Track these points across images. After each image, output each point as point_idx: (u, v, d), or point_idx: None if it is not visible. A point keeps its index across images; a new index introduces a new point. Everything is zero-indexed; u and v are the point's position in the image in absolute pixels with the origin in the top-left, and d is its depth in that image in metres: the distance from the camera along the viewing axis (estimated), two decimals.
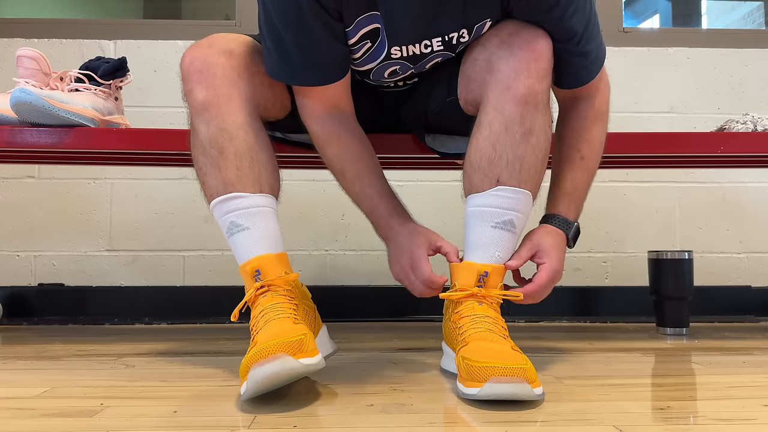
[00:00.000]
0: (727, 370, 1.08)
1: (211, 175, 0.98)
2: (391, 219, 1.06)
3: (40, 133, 1.21)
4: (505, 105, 0.95)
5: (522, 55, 0.95)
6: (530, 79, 0.95)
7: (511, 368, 0.80)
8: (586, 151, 1.09)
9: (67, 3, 3.23)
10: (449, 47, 1.04)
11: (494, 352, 0.85)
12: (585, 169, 1.09)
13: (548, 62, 0.97)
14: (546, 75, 0.97)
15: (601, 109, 1.11)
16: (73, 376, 1.03)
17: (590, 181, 1.11)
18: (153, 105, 1.93)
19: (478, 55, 1.01)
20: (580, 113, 1.10)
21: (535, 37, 0.96)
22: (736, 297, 1.95)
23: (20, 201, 1.92)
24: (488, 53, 0.98)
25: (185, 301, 1.88)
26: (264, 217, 0.98)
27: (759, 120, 1.37)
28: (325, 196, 1.94)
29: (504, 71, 0.95)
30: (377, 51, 1.03)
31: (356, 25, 0.99)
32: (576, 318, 1.88)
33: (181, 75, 1.01)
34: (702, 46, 2.04)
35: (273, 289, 0.94)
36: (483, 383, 0.80)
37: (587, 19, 1.00)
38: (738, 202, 2.01)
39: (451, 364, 0.97)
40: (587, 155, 1.09)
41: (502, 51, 0.96)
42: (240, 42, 1.04)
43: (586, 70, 1.05)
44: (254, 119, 1.01)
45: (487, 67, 0.98)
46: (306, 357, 0.79)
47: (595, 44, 1.03)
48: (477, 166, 0.97)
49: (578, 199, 1.09)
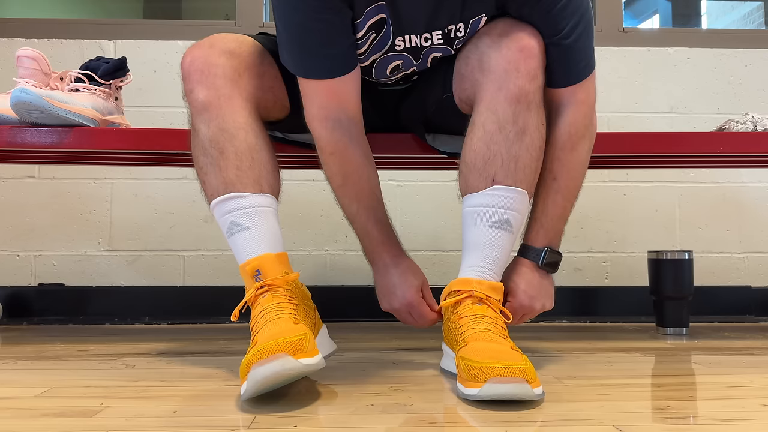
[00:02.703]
0: (727, 370, 1.08)
1: (211, 174, 0.98)
2: (382, 248, 1.08)
3: (40, 133, 1.21)
4: (497, 105, 0.95)
5: (512, 55, 0.95)
6: (521, 79, 0.95)
7: (510, 368, 0.80)
8: (558, 171, 1.04)
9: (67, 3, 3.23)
10: (448, 41, 1.04)
11: (494, 352, 0.85)
12: (557, 191, 1.04)
13: (539, 60, 0.97)
14: (537, 74, 0.97)
15: (578, 125, 1.04)
16: (73, 376, 1.03)
17: (566, 204, 1.06)
18: (153, 105, 1.93)
19: (470, 53, 1.01)
20: (557, 128, 1.04)
21: (526, 35, 0.96)
22: (736, 297, 1.95)
23: (20, 201, 1.92)
24: (480, 52, 0.99)
25: (185, 301, 1.88)
26: (264, 217, 0.98)
27: (759, 120, 1.37)
28: (325, 196, 1.94)
29: (495, 71, 0.96)
30: (382, 41, 1.03)
31: (365, 16, 0.99)
32: (576, 318, 1.88)
33: (181, 75, 1.01)
34: (702, 46, 2.04)
35: (273, 289, 0.94)
36: (483, 383, 0.80)
37: (579, 18, 0.98)
38: (738, 202, 2.01)
39: (451, 365, 0.97)
40: (559, 176, 1.04)
41: (492, 51, 0.97)
42: (240, 42, 1.04)
43: (571, 71, 1.01)
44: (255, 119, 1.01)
45: (479, 67, 0.98)
46: (306, 357, 0.79)
47: (584, 48, 1.01)
48: (472, 166, 0.97)
49: (548, 224, 1.06)
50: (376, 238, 1.08)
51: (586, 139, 1.06)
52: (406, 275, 1.06)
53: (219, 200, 0.98)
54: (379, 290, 1.10)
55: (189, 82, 1.00)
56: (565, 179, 1.05)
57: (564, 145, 1.04)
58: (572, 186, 1.06)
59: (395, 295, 1.07)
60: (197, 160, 1.01)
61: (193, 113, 1.00)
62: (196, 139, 1.00)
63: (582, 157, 1.06)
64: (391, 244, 1.08)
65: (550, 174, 1.05)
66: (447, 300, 0.98)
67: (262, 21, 2.02)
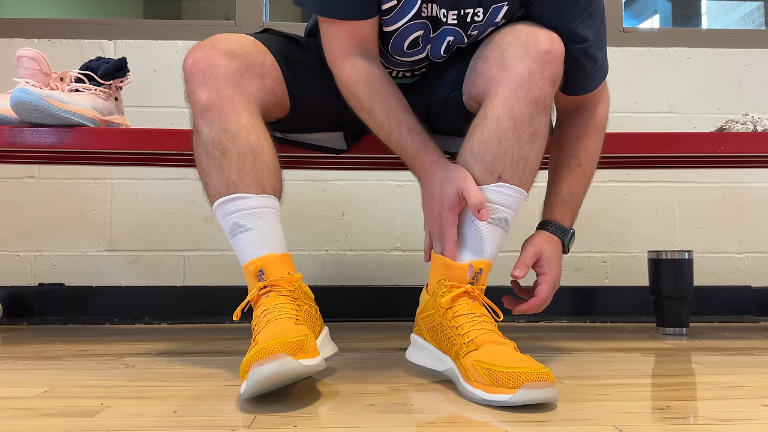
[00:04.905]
0: (727, 370, 1.08)
1: (213, 175, 0.98)
2: (420, 156, 1.01)
3: (40, 133, 1.21)
4: (516, 103, 0.95)
5: (539, 56, 0.95)
6: (543, 81, 0.95)
7: (541, 373, 0.80)
8: (584, 159, 1.11)
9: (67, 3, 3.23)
10: (462, 24, 1.04)
11: (513, 356, 0.85)
12: (581, 176, 1.11)
13: (561, 66, 0.98)
14: (557, 79, 0.98)
15: (602, 119, 1.13)
16: (73, 376, 1.03)
17: (586, 189, 1.13)
18: (153, 105, 1.93)
19: (490, 52, 1.00)
20: (580, 121, 1.12)
21: (551, 40, 0.96)
22: (736, 297, 1.95)
23: (20, 201, 1.92)
24: (501, 50, 0.98)
25: (185, 301, 1.88)
26: (266, 218, 0.98)
27: (759, 120, 1.37)
28: (325, 196, 1.95)
29: (518, 70, 0.95)
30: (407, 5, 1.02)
31: None
32: (576, 318, 1.88)
33: (183, 76, 1.01)
34: (702, 46, 2.04)
35: (276, 289, 0.94)
36: (515, 389, 0.79)
37: (598, 26, 1.05)
38: (738, 202, 2.01)
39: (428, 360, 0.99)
40: (584, 163, 1.11)
41: (517, 50, 0.96)
42: (242, 42, 1.04)
43: (594, 77, 1.09)
44: (257, 120, 1.01)
45: (500, 64, 0.97)
46: (306, 358, 0.79)
47: (602, 54, 1.08)
48: (480, 158, 0.96)
49: (574, 206, 1.10)
50: (412, 148, 1.02)
51: (604, 129, 1.15)
52: (443, 185, 0.98)
53: (221, 201, 0.98)
54: (423, 200, 1.04)
55: (191, 83, 1.00)
56: (589, 167, 1.12)
57: (590, 136, 1.12)
58: (591, 174, 1.13)
59: (432, 207, 1.00)
60: (200, 161, 1.01)
61: (195, 114, 1.00)
62: (198, 140, 1.00)
63: (600, 146, 1.14)
64: (427, 151, 1.02)
65: (576, 160, 1.10)
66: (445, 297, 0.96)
67: (262, 21, 2.02)
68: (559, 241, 1.07)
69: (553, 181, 1.11)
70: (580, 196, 1.11)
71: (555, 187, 1.11)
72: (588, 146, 1.11)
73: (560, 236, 1.07)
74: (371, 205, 1.93)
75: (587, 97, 1.12)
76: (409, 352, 1.05)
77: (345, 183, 1.94)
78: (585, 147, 1.11)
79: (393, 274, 1.93)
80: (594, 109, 1.12)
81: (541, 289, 1.02)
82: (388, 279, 1.93)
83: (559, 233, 1.07)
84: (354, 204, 1.94)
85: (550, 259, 1.04)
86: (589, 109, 1.12)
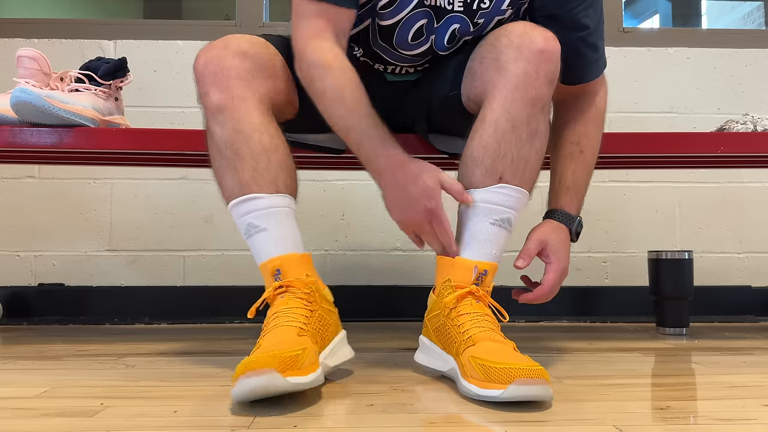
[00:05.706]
0: (727, 370, 1.08)
1: (227, 176, 0.98)
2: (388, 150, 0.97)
3: (40, 133, 1.21)
4: (513, 104, 0.95)
5: (533, 57, 0.95)
6: (539, 81, 0.95)
7: (533, 369, 0.80)
8: (585, 146, 1.12)
9: (67, 3, 3.24)
10: (468, 11, 1.04)
11: (509, 353, 0.85)
12: (584, 163, 1.11)
13: (557, 65, 0.98)
14: (554, 78, 0.98)
15: (601, 107, 1.14)
16: (73, 376, 1.03)
17: (589, 177, 1.13)
18: (153, 105, 1.93)
19: (486, 53, 1.01)
20: (580, 109, 1.13)
21: (545, 39, 0.96)
22: (736, 297, 1.95)
23: (20, 201, 1.92)
24: (497, 52, 0.98)
25: (185, 301, 1.88)
26: (281, 218, 0.98)
27: (759, 120, 1.37)
28: (325, 196, 1.95)
29: (513, 72, 0.95)
30: None
31: None
32: (576, 318, 1.88)
33: (194, 77, 1.00)
34: (702, 46, 2.04)
35: (291, 290, 0.94)
36: (506, 385, 0.79)
37: (599, 16, 1.08)
38: (738, 202, 2.01)
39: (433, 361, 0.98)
40: (586, 149, 1.12)
41: (511, 52, 0.96)
42: (254, 43, 1.04)
43: (594, 65, 1.11)
44: (269, 120, 1.01)
45: (496, 66, 0.98)
46: (297, 375, 0.78)
47: (602, 44, 1.11)
48: (480, 162, 0.97)
49: (579, 194, 1.10)
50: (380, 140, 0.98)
51: (603, 117, 1.16)
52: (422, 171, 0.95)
53: (236, 202, 0.98)
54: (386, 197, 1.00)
55: (203, 84, 0.99)
56: (591, 154, 1.12)
57: (591, 123, 1.13)
58: (593, 161, 1.13)
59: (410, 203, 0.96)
60: (213, 162, 1.00)
61: (207, 116, 1.00)
62: (211, 141, 1.00)
63: (601, 135, 1.15)
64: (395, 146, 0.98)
65: (578, 147, 1.11)
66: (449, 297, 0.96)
67: (262, 21, 2.02)
68: (566, 229, 1.07)
69: (557, 170, 1.12)
70: (584, 183, 1.11)
71: (559, 176, 1.11)
72: (589, 133, 1.12)
73: (567, 224, 1.07)
74: (371, 205, 1.93)
75: (588, 87, 1.13)
76: (417, 354, 1.06)
77: (345, 183, 1.94)
78: (586, 134, 1.12)
79: (393, 274, 1.92)
80: (593, 97, 1.13)
81: (547, 278, 1.02)
82: (388, 279, 1.93)
83: (565, 221, 1.07)
84: (354, 204, 1.94)
85: (556, 248, 1.03)
86: (589, 97, 1.13)
